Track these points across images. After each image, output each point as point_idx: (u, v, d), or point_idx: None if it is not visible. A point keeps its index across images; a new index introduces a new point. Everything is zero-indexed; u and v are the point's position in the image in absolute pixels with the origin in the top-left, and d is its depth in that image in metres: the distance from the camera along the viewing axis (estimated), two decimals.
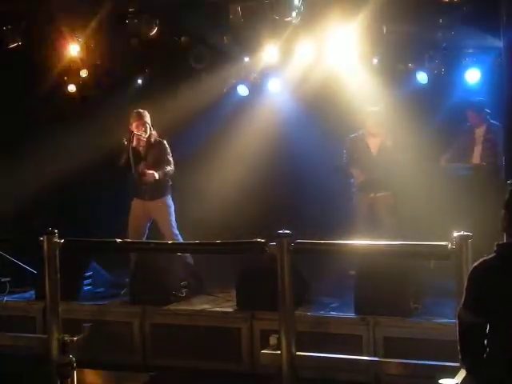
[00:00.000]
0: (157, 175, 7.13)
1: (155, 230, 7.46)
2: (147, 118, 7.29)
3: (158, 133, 7.34)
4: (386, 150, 7.42)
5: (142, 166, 7.22)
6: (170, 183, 7.40)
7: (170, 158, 7.30)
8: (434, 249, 4.65)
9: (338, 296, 6.53)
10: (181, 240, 7.19)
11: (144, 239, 7.26)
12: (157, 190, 7.28)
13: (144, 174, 7.13)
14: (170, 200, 7.39)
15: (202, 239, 6.34)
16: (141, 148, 7.23)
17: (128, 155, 7.13)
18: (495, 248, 3.21)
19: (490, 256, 3.24)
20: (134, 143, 7.15)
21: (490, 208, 3.43)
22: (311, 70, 8.06)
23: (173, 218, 7.37)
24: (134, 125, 7.23)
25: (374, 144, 7.50)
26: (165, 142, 7.34)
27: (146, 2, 7.67)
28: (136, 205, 7.38)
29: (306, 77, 8.22)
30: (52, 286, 5.68)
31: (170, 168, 7.25)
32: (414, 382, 4.98)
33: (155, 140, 7.30)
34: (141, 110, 7.32)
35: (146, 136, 7.21)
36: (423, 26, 7.32)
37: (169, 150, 7.32)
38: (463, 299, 3.29)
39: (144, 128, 7.22)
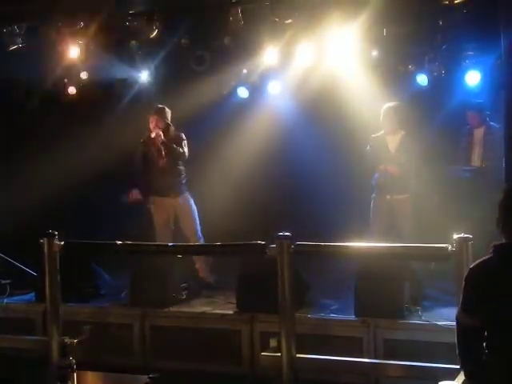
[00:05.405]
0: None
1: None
2: (167, 114, 7.37)
3: (174, 126, 7.44)
4: (404, 148, 7.07)
5: (161, 163, 7.25)
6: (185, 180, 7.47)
7: (185, 149, 7.31)
8: (434, 251, 4.65)
9: (338, 298, 6.53)
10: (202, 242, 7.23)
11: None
12: (177, 186, 7.35)
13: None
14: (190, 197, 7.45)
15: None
16: (161, 145, 7.26)
17: (145, 154, 7.23)
18: (491, 249, 3.21)
19: (486, 257, 3.23)
20: (155, 140, 7.22)
21: (490, 210, 3.42)
22: (311, 72, 8.05)
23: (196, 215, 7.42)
24: (153, 121, 7.27)
25: (392, 142, 7.16)
26: (182, 134, 7.39)
27: (147, 4, 7.67)
28: (162, 203, 7.37)
29: (306, 79, 8.21)
30: (52, 288, 5.69)
31: (182, 151, 7.26)
32: None
33: (174, 135, 7.34)
34: (161, 106, 7.42)
35: (162, 136, 7.23)
36: (423, 28, 7.32)
37: (185, 142, 7.34)
38: (460, 301, 3.28)
39: (162, 124, 7.26)
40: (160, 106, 7.47)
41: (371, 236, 6.71)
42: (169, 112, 7.43)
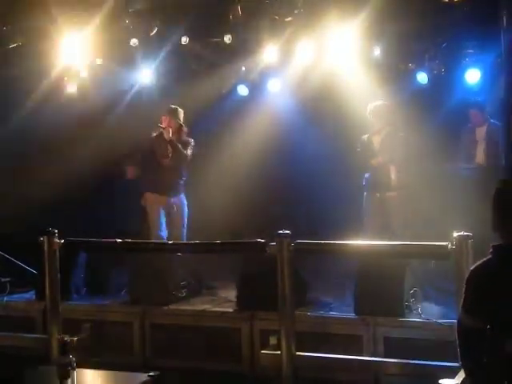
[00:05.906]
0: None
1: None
2: (180, 114, 7.35)
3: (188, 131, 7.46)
4: (389, 141, 7.10)
5: (166, 162, 7.24)
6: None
7: (189, 151, 7.31)
8: (434, 249, 4.66)
9: (337, 296, 6.53)
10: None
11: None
12: (176, 186, 7.35)
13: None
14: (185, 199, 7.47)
15: (203, 239, 6.36)
16: (168, 143, 7.25)
17: (151, 150, 7.23)
18: (491, 250, 3.20)
19: (486, 258, 3.23)
20: (164, 138, 7.20)
21: (491, 208, 3.41)
22: (311, 70, 8.06)
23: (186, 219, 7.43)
24: (165, 121, 7.27)
25: (378, 138, 7.22)
26: (192, 140, 7.40)
27: (147, 2, 7.67)
28: (157, 200, 7.34)
29: (306, 77, 8.22)
30: (52, 286, 5.70)
31: (186, 153, 7.25)
32: (413, 382, 4.99)
33: (184, 139, 7.34)
34: (173, 106, 7.39)
35: (170, 133, 7.22)
36: (423, 26, 7.32)
37: (191, 146, 7.35)
38: (462, 302, 3.28)
39: (175, 124, 7.26)
40: (173, 106, 7.42)
41: (365, 235, 6.71)
42: (181, 112, 7.39)
